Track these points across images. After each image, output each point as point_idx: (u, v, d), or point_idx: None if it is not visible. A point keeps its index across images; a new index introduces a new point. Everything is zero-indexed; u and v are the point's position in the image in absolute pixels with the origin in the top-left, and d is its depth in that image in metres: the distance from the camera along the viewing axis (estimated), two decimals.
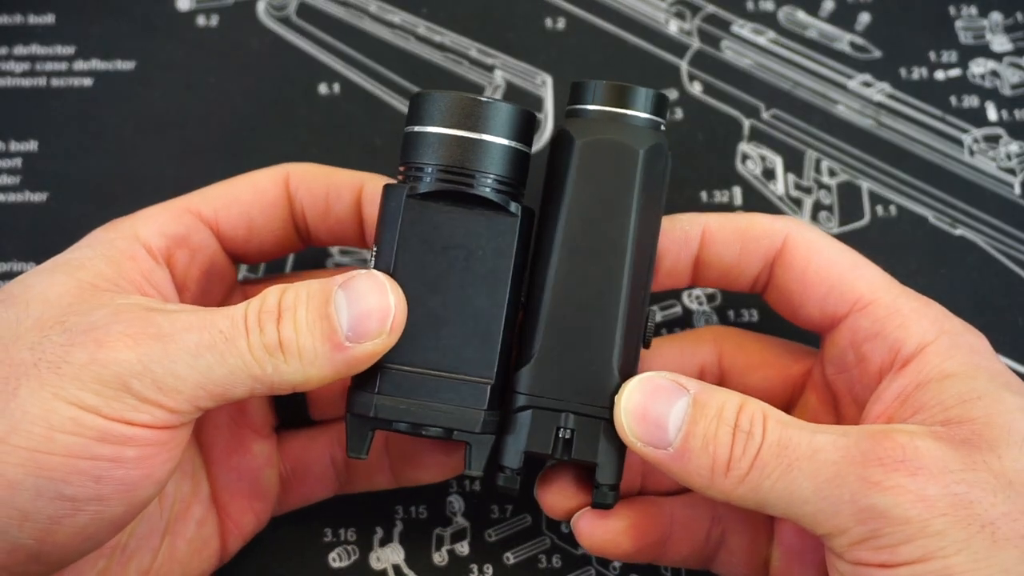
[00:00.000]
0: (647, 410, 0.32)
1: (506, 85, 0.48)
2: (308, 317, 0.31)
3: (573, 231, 0.33)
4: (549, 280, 0.33)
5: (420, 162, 0.33)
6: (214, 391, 0.30)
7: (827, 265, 0.35)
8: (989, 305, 0.44)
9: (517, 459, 0.33)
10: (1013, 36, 0.49)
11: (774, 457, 0.30)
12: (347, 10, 0.50)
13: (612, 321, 0.33)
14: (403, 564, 0.40)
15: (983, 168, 0.46)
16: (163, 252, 0.35)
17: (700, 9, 0.50)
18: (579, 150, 0.33)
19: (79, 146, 0.46)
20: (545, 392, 0.33)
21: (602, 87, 0.34)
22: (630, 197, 0.33)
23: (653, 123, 0.34)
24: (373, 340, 0.31)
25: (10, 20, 0.49)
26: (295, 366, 0.31)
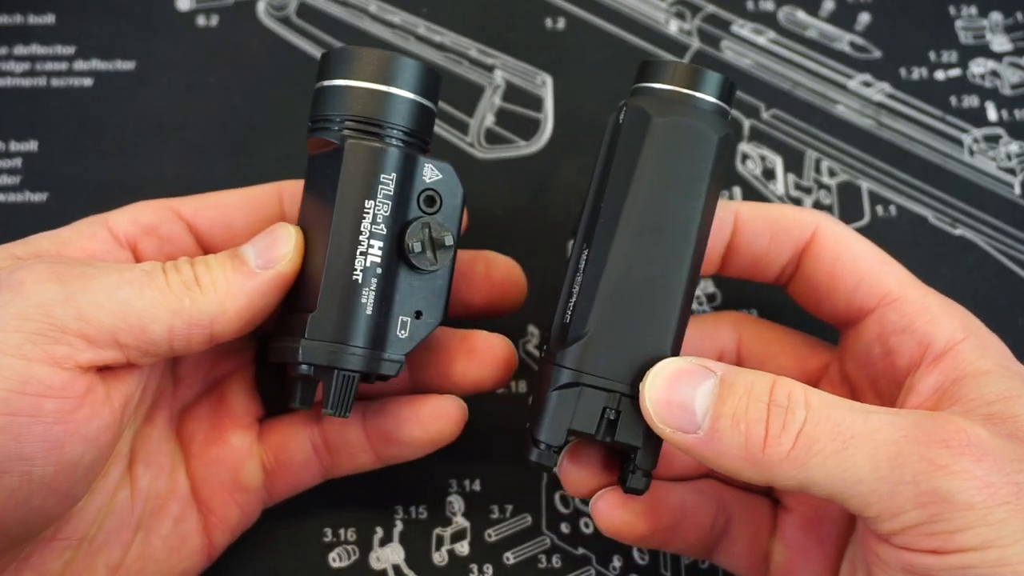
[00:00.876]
0: (672, 394, 0.31)
1: (506, 85, 0.48)
2: (218, 258, 0.34)
3: (642, 210, 0.33)
4: (612, 258, 0.32)
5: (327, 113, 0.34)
6: (133, 323, 0.31)
7: (856, 258, 0.35)
8: (989, 305, 0.44)
9: (560, 436, 0.32)
10: (1013, 36, 0.49)
11: (825, 434, 0.29)
12: (347, 10, 0.50)
13: (672, 305, 0.33)
14: (403, 564, 0.40)
15: (983, 168, 0.46)
16: (129, 238, 0.36)
17: (700, 9, 0.50)
18: (657, 128, 0.33)
19: (79, 146, 0.46)
20: (596, 371, 0.32)
21: (675, 66, 0.34)
22: (702, 183, 0.33)
23: (722, 110, 0.34)
24: (280, 262, 0.33)
25: (10, 20, 0.49)
26: (210, 296, 0.32)
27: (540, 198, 0.46)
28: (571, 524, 0.40)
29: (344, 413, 0.34)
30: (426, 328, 0.35)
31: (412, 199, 0.34)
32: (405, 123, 0.34)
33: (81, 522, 0.34)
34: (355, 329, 0.33)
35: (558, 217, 0.45)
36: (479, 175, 0.46)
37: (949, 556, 0.28)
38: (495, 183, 0.46)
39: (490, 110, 0.48)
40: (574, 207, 0.45)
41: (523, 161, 0.46)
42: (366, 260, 0.33)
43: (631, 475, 0.33)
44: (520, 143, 0.47)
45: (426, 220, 0.34)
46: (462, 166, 0.46)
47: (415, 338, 0.34)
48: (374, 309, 0.33)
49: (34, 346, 0.30)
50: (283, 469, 0.38)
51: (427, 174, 0.34)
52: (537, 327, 0.43)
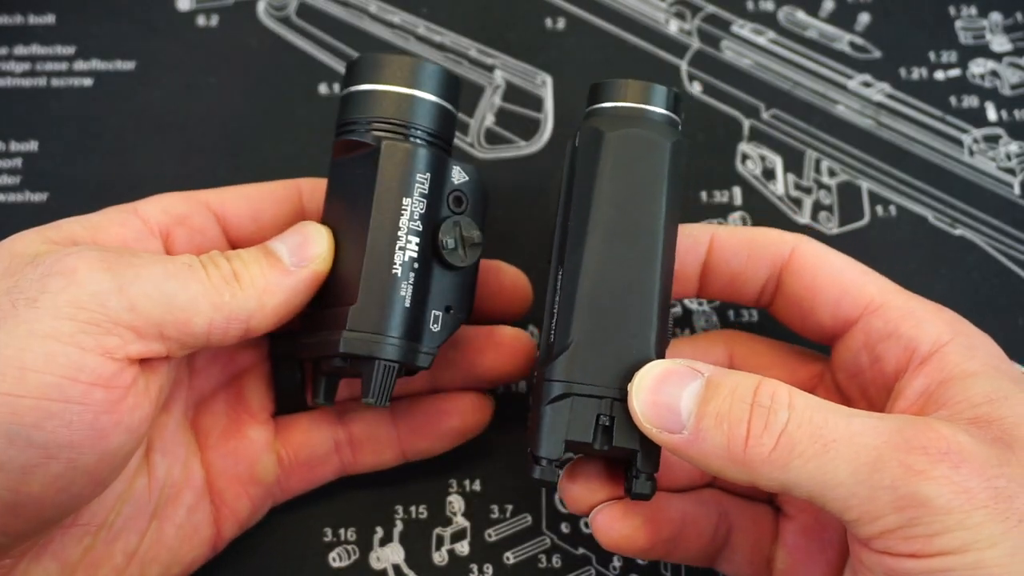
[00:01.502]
0: (659, 395, 0.31)
1: (506, 85, 0.48)
2: (251, 254, 0.34)
3: (607, 219, 0.34)
4: (584, 267, 0.33)
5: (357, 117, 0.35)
6: (178, 316, 0.32)
7: (837, 271, 0.36)
8: (989, 305, 0.44)
9: (558, 449, 0.32)
10: (1013, 36, 0.49)
11: (807, 436, 0.29)
12: (347, 10, 0.50)
13: (649, 305, 0.33)
14: (403, 564, 0.40)
15: (983, 168, 0.46)
16: (161, 227, 0.36)
17: (700, 9, 0.50)
18: (610, 142, 0.34)
19: (79, 146, 0.46)
20: (584, 379, 0.32)
21: (622, 85, 0.35)
22: (660, 186, 0.34)
23: (671, 120, 0.35)
24: (315, 261, 0.34)
25: (10, 20, 0.49)
26: (249, 291, 0.33)
27: (540, 198, 0.46)
28: (571, 524, 0.40)
29: (384, 402, 0.34)
30: (455, 323, 0.36)
31: (443, 198, 0.35)
32: (432, 125, 0.35)
33: (101, 508, 0.34)
34: (395, 321, 0.34)
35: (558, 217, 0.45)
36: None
37: (928, 560, 0.28)
38: (495, 183, 0.46)
39: (490, 110, 0.48)
40: None
41: (523, 161, 0.47)
42: (404, 255, 0.34)
43: (635, 480, 0.33)
44: (520, 143, 0.47)
45: (456, 219, 0.35)
46: None
47: (446, 331, 0.35)
48: (412, 302, 0.34)
49: (87, 336, 0.30)
50: (301, 465, 0.39)
51: (455, 175, 0.36)
52: (537, 327, 0.43)
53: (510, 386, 0.42)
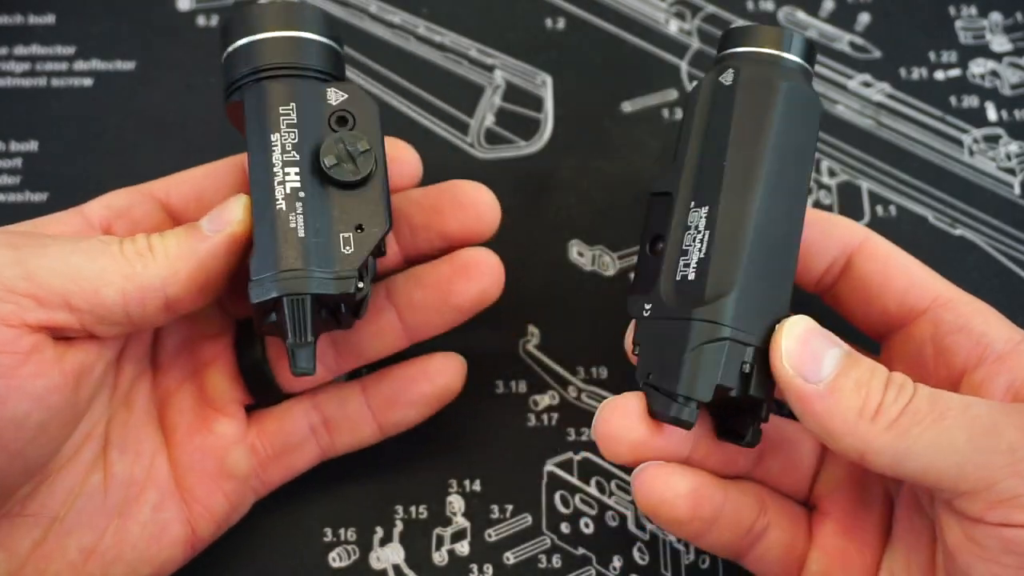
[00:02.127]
0: (807, 343, 0.32)
1: (506, 85, 0.48)
2: (174, 230, 0.34)
3: (774, 170, 0.34)
4: (751, 214, 0.33)
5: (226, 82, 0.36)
6: (84, 286, 0.32)
7: (907, 262, 0.37)
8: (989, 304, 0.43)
9: (709, 390, 0.32)
10: (1013, 36, 0.49)
11: (927, 406, 0.30)
12: (347, 10, 0.50)
13: (792, 261, 0.34)
14: (403, 564, 0.40)
15: (983, 168, 0.46)
16: (102, 220, 0.36)
17: (700, 9, 0.50)
18: (785, 92, 0.34)
19: (79, 146, 0.46)
20: (739, 325, 0.33)
21: (781, 34, 0.35)
22: (813, 144, 0.35)
23: (810, 74, 0.36)
24: (230, 224, 0.34)
25: (10, 20, 0.49)
26: (161, 261, 0.33)
27: (540, 198, 0.46)
28: (571, 524, 0.40)
29: (306, 338, 0.33)
30: (372, 239, 0.34)
31: (322, 124, 0.35)
32: (285, 59, 0.35)
33: (49, 500, 0.34)
34: (289, 254, 0.33)
35: (558, 217, 0.45)
36: (479, 175, 0.46)
37: None
38: (495, 183, 0.46)
39: (490, 110, 0.48)
40: (574, 207, 0.45)
41: (523, 161, 0.47)
42: (285, 188, 0.33)
43: (751, 429, 0.34)
44: (520, 143, 0.47)
45: (339, 136, 0.34)
46: (462, 166, 0.46)
47: (363, 250, 0.34)
48: (307, 231, 0.33)
49: None
50: (278, 453, 0.39)
51: (331, 97, 0.35)
52: (537, 327, 0.43)
53: (509, 386, 0.42)
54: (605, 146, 0.47)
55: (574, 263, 0.45)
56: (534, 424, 0.42)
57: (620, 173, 0.46)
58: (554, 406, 0.42)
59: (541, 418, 0.42)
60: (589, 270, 0.44)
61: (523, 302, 0.43)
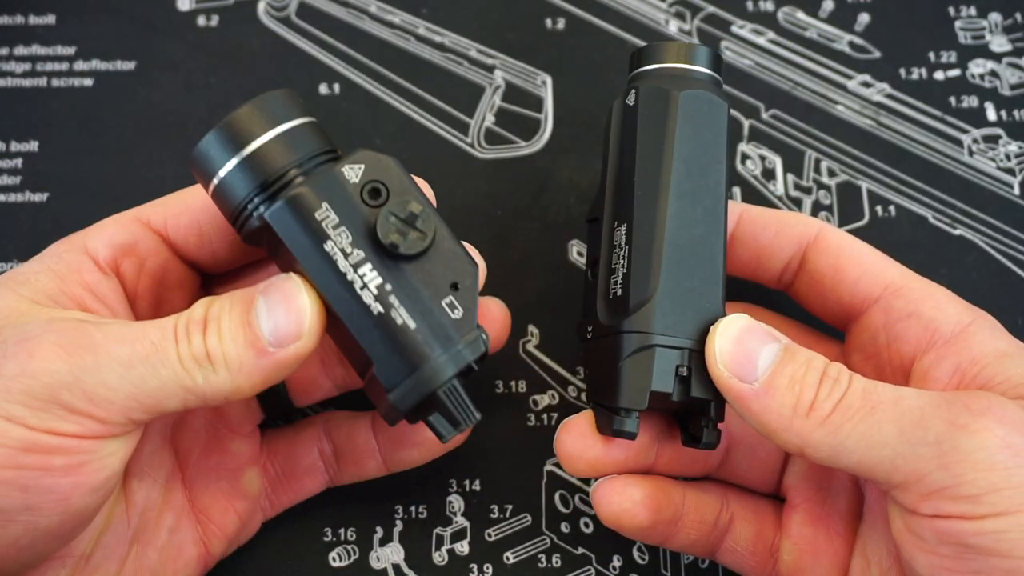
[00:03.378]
0: (740, 344, 0.32)
1: (506, 85, 0.48)
2: (231, 326, 0.31)
3: (680, 177, 0.34)
4: (662, 222, 0.34)
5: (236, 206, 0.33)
6: (146, 402, 0.30)
7: (859, 252, 0.37)
8: (989, 305, 0.43)
9: (643, 399, 0.33)
10: (1012, 37, 0.49)
11: (858, 401, 0.30)
12: (347, 10, 0.50)
13: (717, 262, 0.34)
14: (403, 564, 0.40)
15: (982, 168, 0.46)
16: (110, 262, 0.35)
17: (700, 9, 0.50)
18: (680, 101, 0.35)
19: (79, 146, 0.46)
20: (665, 331, 0.33)
21: (673, 48, 0.37)
22: (722, 146, 0.35)
23: (718, 81, 0.37)
24: (295, 343, 0.31)
25: (11, 20, 0.49)
26: (223, 375, 0.31)
27: (540, 198, 0.46)
28: (571, 524, 0.40)
29: (474, 418, 0.32)
30: (471, 291, 0.32)
31: (359, 208, 0.32)
32: (296, 157, 0.32)
33: (79, 541, 0.34)
34: (417, 349, 0.31)
35: (558, 217, 0.45)
36: (479, 175, 0.46)
37: (981, 522, 0.29)
38: (495, 183, 0.46)
39: (490, 110, 0.48)
40: (574, 207, 0.45)
41: (523, 161, 0.47)
42: (371, 290, 0.31)
43: (705, 430, 0.34)
44: (520, 143, 0.47)
45: (387, 210, 0.32)
46: (462, 166, 0.46)
47: (469, 304, 0.32)
48: (415, 320, 0.31)
49: (39, 422, 0.29)
50: (288, 477, 0.38)
51: (350, 176, 0.32)
52: (537, 327, 0.43)
53: (509, 386, 0.42)
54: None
55: (574, 263, 0.45)
56: (534, 424, 0.42)
57: None
58: (554, 406, 0.42)
59: (541, 418, 0.42)
60: None
61: (523, 302, 0.43)
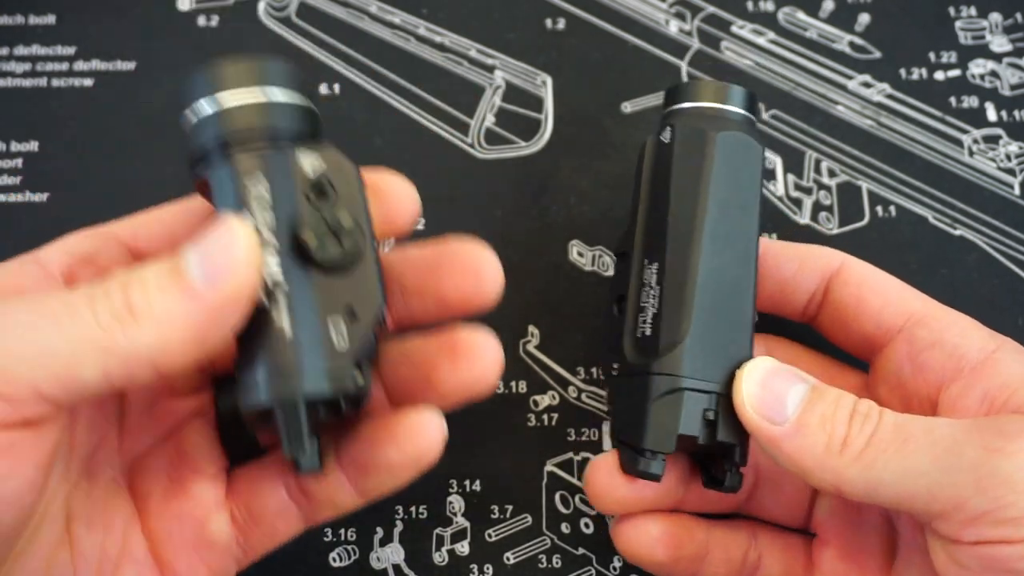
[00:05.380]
0: (767, 386, 0.32)
1: (506, 85, 0.48)
2: (156, 274, 0.28)
3: (715, 218, 0.34)
4: (696, 265, 0.34)
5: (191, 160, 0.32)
6: (57, 371, 0.27)
7: (882, 283, 0.37)
8: (989, 305, 0.44)
9: (670, 442, 0.33)
10: (1012, 37, 0.49)
11: (891, 434, 0.31)
12: (347, 10, 0.50)
13: (746, 306, 0.34)
14: (403, 564, 0.40)
15: (983, 169, 0.46)
16: (64, 268, 0.32)
17: (700, 9, 0.50)
18: (717, 142, 0.35)
19: (79, 146, 0.46)
20: (694, 374, 0.33)
21: (708, 86, 0.37)
22: (756, 189, 0.35)
23: (752, 121, 0.37)
24: (229, 279, 0.28)
25: (11, 20, 0.49)
26: (148, 328, 0.27)
27: (540, 198, 0.46)
28: (571, 524, 0.40)
29: (301, 449, 0.29)
30: (367, 327, 0.30)
31: (298, 198, 0.30)
32: (259, 124, 0.30)
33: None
34: (278, 356, 0.29)
35: (558, 217, 0.45)
36: (479, 175, 0.46)
37: (1022, 545, 0.29)
38: (495, 183, 0.46)
39: (490, 110, 0.48)
40: (574, 207, 0.45)
41: (523, 161, 0.47)
42: (265, 279, 0.29)
43: (728, 474, 0.34)
44: (520, 143, 0.47)
45: (320, 211, 0.30)
46: (462, 166, 0.46)
47: (357, 340, 0.30)
48: (294, 327, 0.29)
49: None
50: (256, 520, 0.34)
51: (307, 166, 0.30)
52: (537, 327, 0.43)
53: (510, 386, 0.42)
54: (605, 146, 0.47)
55: (574, 263, 0.45)
56: (534, 424, 0.42)
57: (620, 173, 0.46)
58: (554, 406, 0.42)
59: (541, 418, 0.42)
60: (589, 270, 0.44)
61: (523, 302, 0.43)
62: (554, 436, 0.42)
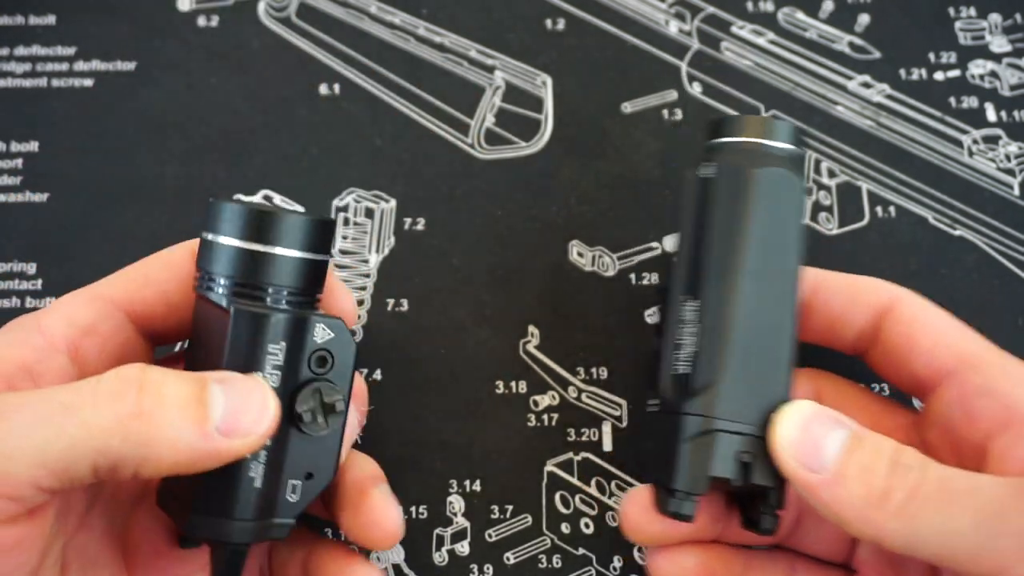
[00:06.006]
0: (806, 432, 0.31)
1: (506, 85, 0.48)
2: (178, 393, 0.29)
3: (754, 257, 0.34)
4: (733, 305, 0.34)
5: (213, 272, 0.32)
6: (55, 467, 0.28)
7: (935, 321, 0.35)
8: (989, 305, 0.44)
9: (702, 484, 0.33)
10: (1012, 37, 0.49)
11: (935, 490, 0.30)
12: (347, 10, 0.50)
13: (785, 347, 0.34)
14: (403, 564, 0.40)
15: (982, 169, 0.46)
16: (68, 340, 0.33)
17: (700, 10, 0.50)
18: (758, 179, 0.34)
19: (79, 146, 0.46)
20: (728, 415, 0.33)
21: (752, 121, 0.36)
22: (797, 227, 0.35)
23: (798, 156, 0.36)
24: (244, 439, 0.30)
25: (11, 21, 0.49)
26: (150, 438, 0.28)
27: (540, 198, 0.46)
28: (571, 524, 0.40)
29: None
30: (317, 488, 0.33)
31: (303, 362, 0.32)
32: (293, 284, 0.33)
33: None
34: (243, 504, 0.32)
35: (558, 217, 0.45)
36: (479, 175, 0.46)
37: None
38: (495, 183, 0.46)
39: (490, 110, 0.48)
40: (574, 207, 0.45)
41: (523, 161, 0.47)
42: None
43: (763, 516, 0.34)
44: (520, 143, 0.47)
45: (317, 386, 0.32)
46: (462, 166, 0.46)
47: (306, 499, 0.33)
48: (263, 482, 0.32)
49: None
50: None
51: (318, 334, 0.32)
52: (537, 327, 0.43)
53: (509, 386, 0.42)
54: (605, 146, 0.47)
55: (574, 263, 0.45)
56: (534, 424, 0.42)
57: (620, 173, 0.46)
58: (554, 406, 0.42)
59: (541, 418, 0.42)
60: (589, 270, 0.44)
61: (523, 302, 0.43)
62: (554, 436, 0.42)
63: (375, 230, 0.45)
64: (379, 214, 0.45)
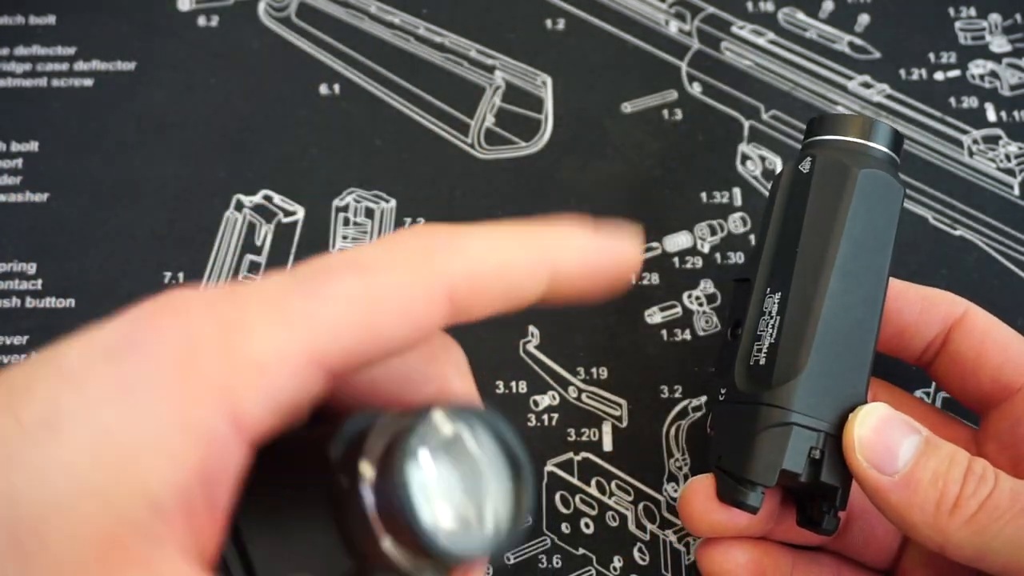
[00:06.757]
0: (881, 433, 0.31)
1: (506, 85, 0.48)
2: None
3: (847, 256, 0.34)
4: (821, 300, 0.33)
5: None
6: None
7: (1005, 337, 0.36)
8: (989, 305, 0.43)
9: (772, 476, 0.32)
10: (1012, 37, 0.49)
11: (1007, 500, 0.30)
12: (347, 10, 0.50)
13: (868, 349, 0.34)
14: None
15: (982, 169, 0.46)
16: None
17: (700, 10, 0.50)
18: (859, 179, 0.34)
19: (79, 146, 0.46)
20: (806, 410, 0.33)
21: (857, 121, 0.36)
22: (892, 231, 0.35)
23: (895, 161, 0.36)
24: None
25: (11, 21, 0.49)
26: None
27: (540, 198, 0.46)
28: (571, 524, 0.40)
29: None
30: None
31: None
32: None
33: None
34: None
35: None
36: (479, 175, 0.46)
37: None
38: (495, 183, 0.46)
39: (490, 110, 0.48)
40: (574, 207, 0.45)
41: (523, 161, 0.47)
42: None
43: (826, 516, 0.33)
44: (520, 143, 0.47)
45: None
46: (462, 166, 0.46)
47: None
48: None
49: None
50: None
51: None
52: (537, 327, 0.43)
53: (509, 386, 0.42)
54: (605, 146, 0.47)
55: None
56: (534, 424, 0.42)
57: (620, 173, 0.46)
58: (554, 406, 0.42)
59: (541, 418, 0.42)
60: None
61: None
62: (554, 436, 0.42)
63: (375, 230, 0.45)
64: (379, 214, 0.45)
